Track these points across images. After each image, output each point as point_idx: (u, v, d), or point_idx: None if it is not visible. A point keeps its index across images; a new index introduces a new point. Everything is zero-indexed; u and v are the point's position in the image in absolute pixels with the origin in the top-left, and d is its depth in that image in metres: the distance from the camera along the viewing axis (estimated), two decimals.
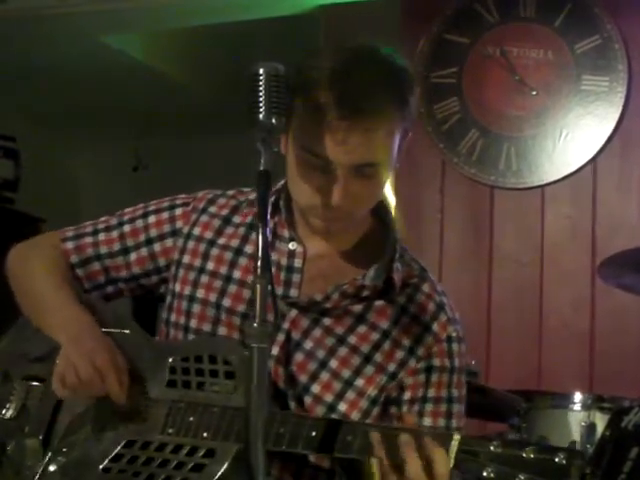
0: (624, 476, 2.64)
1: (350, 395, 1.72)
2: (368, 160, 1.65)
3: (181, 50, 5.32)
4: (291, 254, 1.77)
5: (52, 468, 1.73)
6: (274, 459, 1.66)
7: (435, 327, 1.77)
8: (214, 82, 5.38)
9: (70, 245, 1.91)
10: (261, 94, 1.54)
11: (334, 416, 1.70)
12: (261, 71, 1.55)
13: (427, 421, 1.76)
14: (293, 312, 1.74)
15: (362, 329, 1.75)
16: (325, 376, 1.72)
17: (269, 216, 1.78)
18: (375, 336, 1.75)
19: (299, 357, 1.73)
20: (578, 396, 3.12)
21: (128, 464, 1.66)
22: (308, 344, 1.73)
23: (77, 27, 4.77)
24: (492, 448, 1.44)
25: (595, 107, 3.92)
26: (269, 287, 1.43)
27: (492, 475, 1.43)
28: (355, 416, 1.72)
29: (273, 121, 1.54)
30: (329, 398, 1.72)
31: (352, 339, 1.74)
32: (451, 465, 1.46)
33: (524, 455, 1.42)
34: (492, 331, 3.97)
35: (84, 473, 1.70)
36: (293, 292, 1.76)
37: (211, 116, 5.63)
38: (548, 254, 3.96)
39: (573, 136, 3.94)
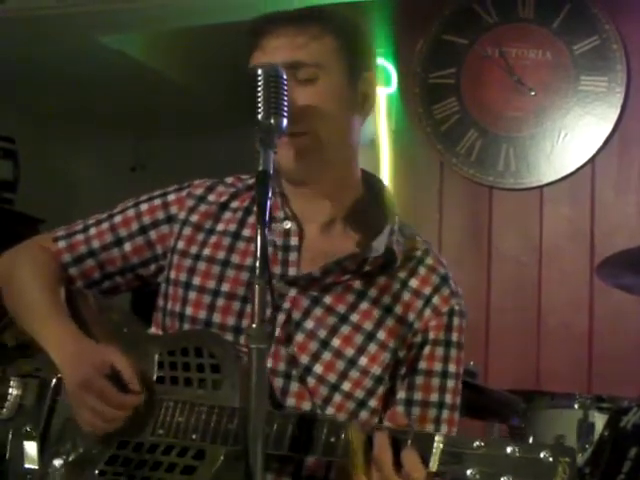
0: (623, 476, 2.65)
1: (354, 374, 1.71)
2: (296, 58, 1.70)
3: (181, 50, 5.32)
4: (286, 233, 1.76)
5: (52, 471, 1.72)
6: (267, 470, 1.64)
7: (436, 300, 1.76)
8: (214, 82, 5.38)
9: (62, 244, 1.89)
10: (260, 95, 1.54)
11: (338, 395, 1.70)
12: (260, 72, 1.56)
13: (418, 395, 1.74)
14: (292, 291, 1.73)
15: (364, 306, 1.73)
16: (327, 356, 1.70)
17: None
18: (378, 313, 1.73)
19: (300, 337, 1.71)
20: (577, 396, 3.13)
21: (122, 467, 1.66)
22: (309, 324, 1.72)
23: (76, 27, 4.76)
24: (475, 449, 1.42)
25: (593, 107, 3.93)
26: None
27: (477, 477, 1.40)
28: (359, 394, 1.71)
29: (272, 121, 1.54)
30: (332, 378, 1.70)
31: (354, 317, 1.72)
32: (434, 469, 1.44)
33: (508, 454, 1.40)
34: (491, 331, 3.98)
35: (82, 476, 1.70)
36: (292, 271, 1.74)
37: (211, 116, 5.63)
38: (547, 254, 3.96)
39: (572, 136, 3.95)
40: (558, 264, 3.95)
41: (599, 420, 3.02)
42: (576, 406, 3.10)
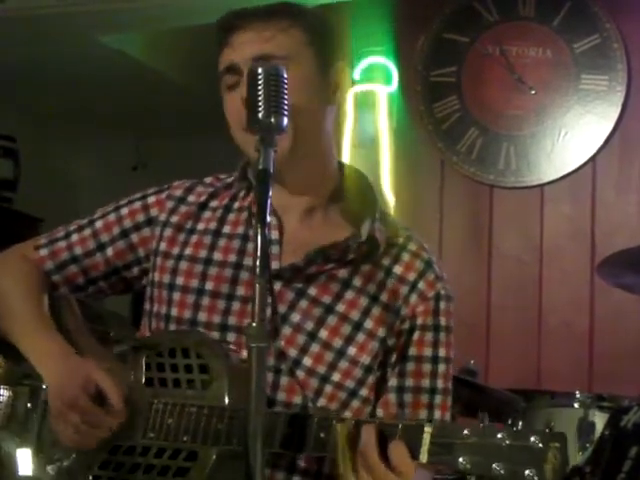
0: (623, 475, 2.64)
1: (343, 364, 1.71)
2: (264, 51, 1.70)
3: (181, 50, 5.31)
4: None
5: (46, 478, 1.72)
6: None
7: (421, 285, 1.75)
8: (214, 82, 5.38)
9: (44, 252, 1.89)
10: (260, 93, 1.54)
11: (328, 387, 1.70)
12: (260, 70, 1.55)
13: (410, 382, 1.74)
14: (277, 285, 1.72)
15: (349, 295, 1.73)
16: (315, 348, 1.70)
17: (243, 197, 1.81)
18: (364, 301, 1.73)
19: (287, 331, 1.71)
20: (577, 395, 3.12)
21: (115, 471, 1.66)
22: (295, 317, 1.71)
23: (76, 27, 4.76)
24: (465, 437, 1.40)
25: (594, 106, 3.92)
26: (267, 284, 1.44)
27: (467, 466, 1.39)
28: (349, 384, 1.71)
29: (272, 120, 1.53)
30: (322, 370, 1.70)
31: (340, 307, 1.72)
32: (424, 460, 1.43)
33: (498, 442, 1.38)
34: (491, 330, 3.97)
35: None
36: (274, 265, 1.73)
37: (211, 116, 5.62)
38: (547, 253, 3.96)
39: (572, 135, 3.94)
40: (559, 263, 3.94)
41: (599, 419, 3.02)
42: (576, 405, 3.10)
